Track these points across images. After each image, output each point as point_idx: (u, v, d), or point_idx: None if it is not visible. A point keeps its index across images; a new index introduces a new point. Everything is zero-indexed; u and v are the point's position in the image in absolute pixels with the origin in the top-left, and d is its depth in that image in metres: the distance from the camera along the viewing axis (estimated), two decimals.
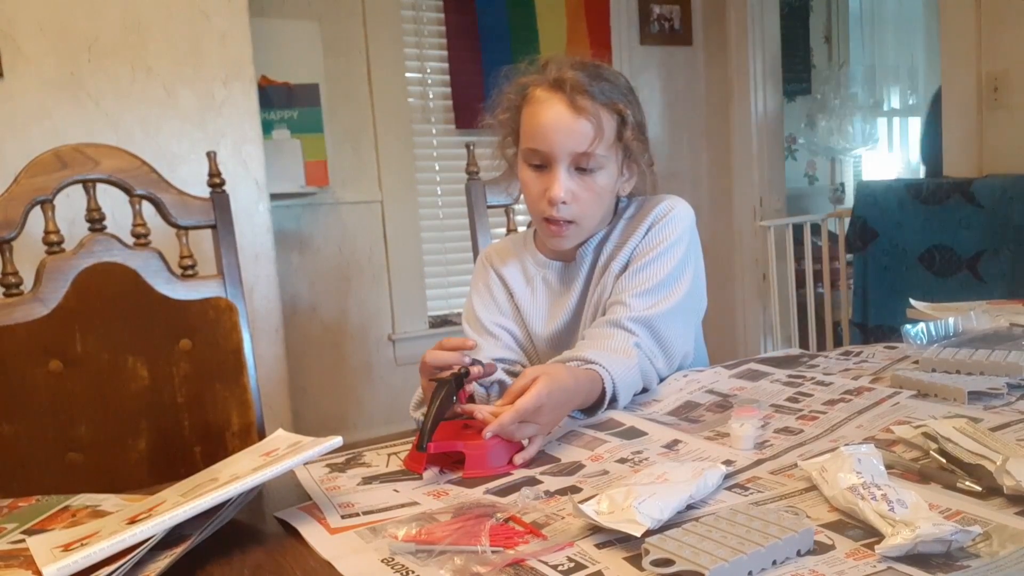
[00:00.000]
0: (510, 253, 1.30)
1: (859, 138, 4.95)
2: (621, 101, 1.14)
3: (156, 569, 0.66)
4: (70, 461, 1.24)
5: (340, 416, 3.10)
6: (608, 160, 1.14)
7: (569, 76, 1.11)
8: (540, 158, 1.13)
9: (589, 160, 1.12)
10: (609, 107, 1.12)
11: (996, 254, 2.39)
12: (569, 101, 1.10)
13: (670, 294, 1.14)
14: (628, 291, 1.14)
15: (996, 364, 1.03)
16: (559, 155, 1.11)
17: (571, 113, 1.10)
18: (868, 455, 0.72)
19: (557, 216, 1.13)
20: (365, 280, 3.15)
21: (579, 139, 1.10)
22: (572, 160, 1.12)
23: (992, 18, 2.59)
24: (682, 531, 0.63)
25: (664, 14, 3.66)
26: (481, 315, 1.26)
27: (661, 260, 1.16)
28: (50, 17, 2.04)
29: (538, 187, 1.14)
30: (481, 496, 0.80)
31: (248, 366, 1.33)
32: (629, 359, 1.07)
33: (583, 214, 1.14)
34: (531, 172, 1.15)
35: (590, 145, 1.10)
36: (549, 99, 1.12)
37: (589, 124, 1.10)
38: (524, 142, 1.15)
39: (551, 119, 1.11)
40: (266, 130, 2.62)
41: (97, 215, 1.30)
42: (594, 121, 1.10)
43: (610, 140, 1.13)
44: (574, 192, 1.12)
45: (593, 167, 1.12)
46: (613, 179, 1.16)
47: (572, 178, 1.12)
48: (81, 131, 2.06)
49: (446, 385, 0.91)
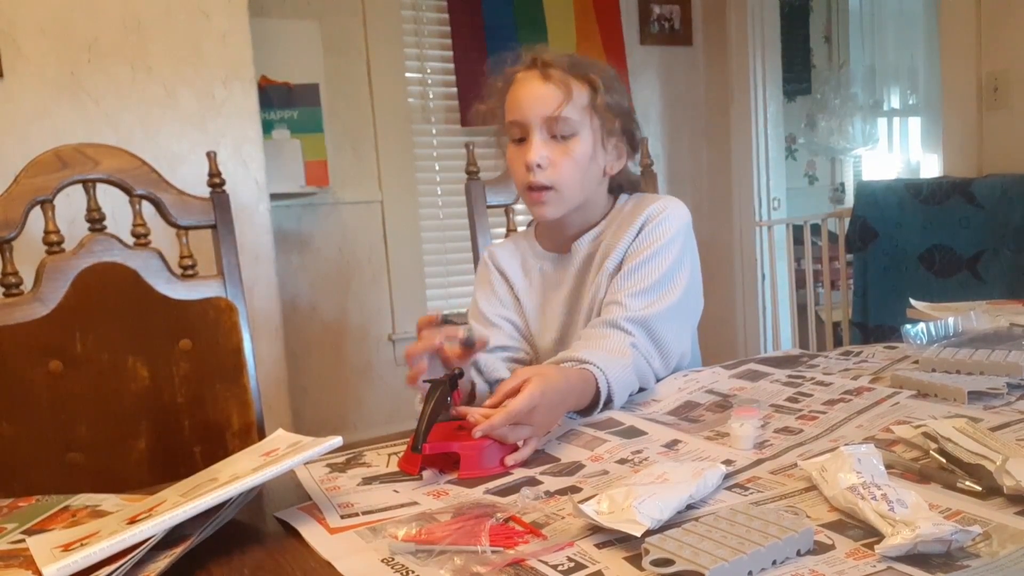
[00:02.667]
0: (511, 248, 1.35)
1: (859, 138, 4.95)
2: (594, 74, 1.18)
3: (156, 569, 0.66)
4: (70, 461, 1.24)
5: (340, 416, 3.10)
6: (582, 126, 1.17)
7: (544, 57, 1.19)
8: (519, 130, 1.18)
9: (559, 125, 1.16)
10: (580, 77, 1.17)
11: (996, 254, 2.39)
12: (541, 73, 1.17)
13: (666, 294, 1.16)
14: (624, 291, 1.15)
15: (996, 364, 1.03)
16: (532, 121, 1.16)
17: (541, 81, 1.17)
18: (868, 455, 0.72)
19: (536, 181, 1.17)
20: (365, 280, 3.15)
21: (548, 103, 1.15)
22: (546, 126, 1.16)
23: (992, 18, 2.59)
24: (682, 531, 0.63)
25: (664, 14, 3.65)
26: (484, 308, 1.31)
27: (656, 260, 1.17)
28: (50, 17, 2.04)
29: (519, 159, 1.19)
30: (481, 496, 0.80)
31: (248, 366, 1.33)
32: (625, 359, 1.07)
33: (560, 180, 1.17)
34: (513, 147, 1.20)
35: (557, 108, 1.15)
36: (525, 76, 1.19)
37: (557, 89, 1.16)
38: (507, 118, 1.20)
39: (524, 90, 1.18)
40: (266, 130, 2.62)
41: (97, 215, 1.30)
42: (562, 87, 1.16)
43: (581, 105, 1.17)
44: (549, 157, 1.16)
45: (567, 132, 1.17)
46: (589, 147, 1.19)
47: (547, 145, 1.17)
48: (81, 131, 2.06)
49: (440, 387, 0.91)
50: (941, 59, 2.83)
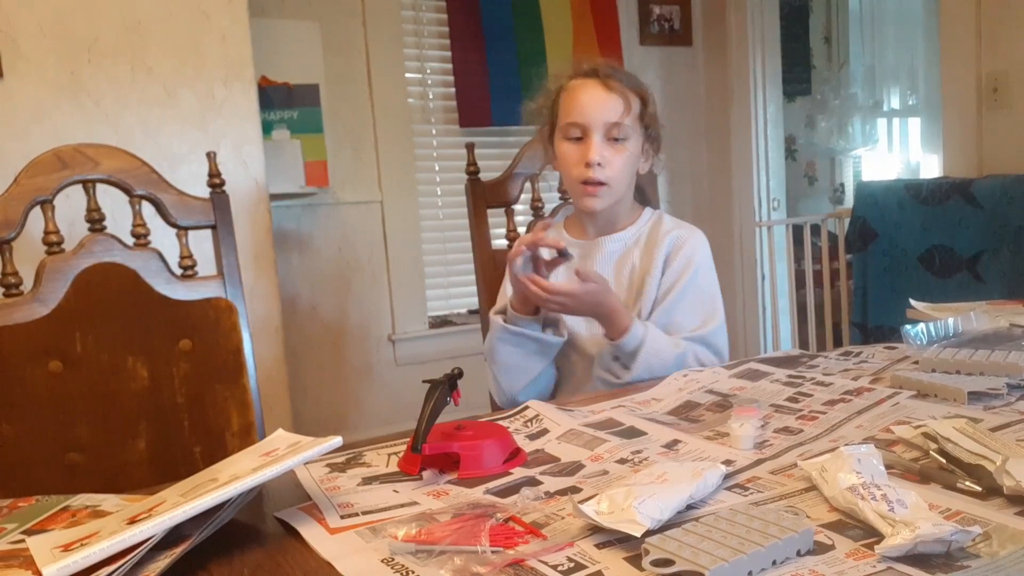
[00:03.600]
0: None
1: (859, 138, 4.95)
2: (643, 88, 1.38)
3: (156, 569, 0.66)
4: (70, 461, 1.24)
5: (340, 416, 3.10)
6: (634, 132, 1.35)
7: (600, 64, 1.36)
8: (579, 130, 1.34)
9: (619, 130, 1.33)
10: (634, 90, 1.35)
11: (996, 254, 2.39)
12: (603, 82, 1.34)
13: (714, 313, 1.36)
14: (677, 327, 1.33)
15: (996, 364, 1.03)
16: (595, 125, 1.33)
17: (604, 91, 1.33)
18: (868, 455, 0.72)
19: (593, 177, 1.33)
20: (365, 280, 3.15)
21: (612, 111, 1.32)
22: (605, 130, 1.33)
23: (992, 18, 2.59)
24: (682, 531, 0.63)
25: (664, 14, 3.65)
26: (509, 293, 1.39)
27: (694, 290, 1.36)
28: (50, 17, 2.04)
29: (576, 155, 1.35)
30: (481, 496, 0.80)
31: (248, 366, 1.33)
32: (672, 340, 1.29)
33: (614, 177, 1.34)
34: (569, 144, 1.36)
35: (621, 116, 1.32)
36: (584, 83, 1.35)
37: (620, 99, 1.33)
38: (563, 119, 1.36)
39: (588, 96, 1.34)
40: (266, 130, 2.62)
41: (97, 215, 1.30)
42: (623, 97, 1.33)
43: (636, 115, 1.35)
44: (607, 157, 1.33)
45: (622, 137, 1.34)
46: (638, 150, 1.38)
47: (606, 146, 1.33)
48: (81, 131, 2.06)
49: (440, 387, 0.91)
50: (941, 59, 2.83)
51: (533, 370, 1.34)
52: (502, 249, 1.61)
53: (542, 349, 1.32)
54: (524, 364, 1.33)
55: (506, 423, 1.02)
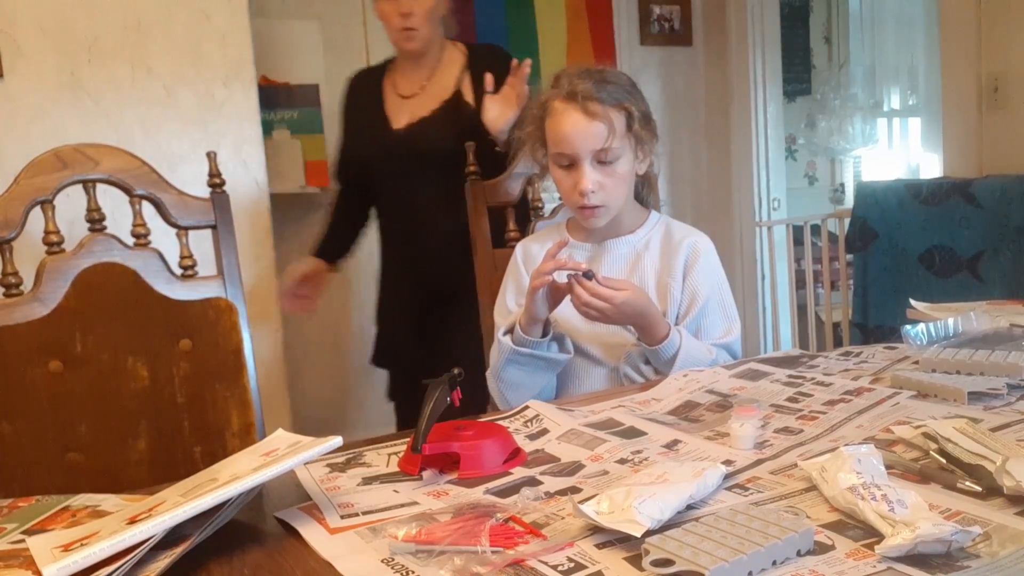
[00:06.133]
0: (541, 237, 1.49)
1: (859, 138, 4.95)
2: (626, 100, 1.33)
3: (156, 569, 0.66)
4: (70, 461, 1.24)
5: (340, 416, 3.10)
6: (623, 150, 1.33)
7: (580, 87, 1.30)
8: (567, 159, 1.33)
9: (607, 154, 1.31)
10: (617, 107, 1.31)
11: (996, 254, 2.39)
12: (583, 108, 1.30)
13: (735, 321, 1.39)
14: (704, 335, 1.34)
15: (996, 364, 1.03)
16: (582, 154, 1.31)
17: (586, 119, 1.29)
18: (868, 455, 0.72)
19: (588, 204, 1.33)
20: (365, 280, 3.14)
21: (596, 139, 1.30)
22: (593, 156, 1.31)
23: (992, 18, 2.59)
24: (682, 531, 0.63)
25: (664, 14, 3.65)
26: (509, 301, 1.43)
27: (718, 298, 1.37)
28: (50, 17, 2.04)
29: (569, 182, 1.34)
30: (481, 496, 0.80)
31: (248, 366, 1.33)
32: (704, 346, 1.31)
33: (610, 197, 1.34)
34: (561, 171, 1.35)
35: (605, 142, 1.30)
36: (566, 109, 1.31)
37: (603, 125, 1.29)
38: (551, 147, 1.35)
39: (570, 126, 1.30)
40: (266, 130, 2.62)
41: (97, 215, 1.30)
42: (606, 122, 1.29)
43: (622, 133, 1.32)
44: (599, 181, 1.32)
45: (611, 159, 1.32)
46: (631, 164, 1.36)
47: (596, 170, 1.32)
48: (81, 131, 2.06)
49: (440, 387, 0.91)
50: (941, 59, 2.83)
51: (539, 384, 1.35)
52: (502, 249, 1.61)
53: (550, 366, 1.33)
54: (531, 381, 1.33)
55: (506, 423, 1.03)
